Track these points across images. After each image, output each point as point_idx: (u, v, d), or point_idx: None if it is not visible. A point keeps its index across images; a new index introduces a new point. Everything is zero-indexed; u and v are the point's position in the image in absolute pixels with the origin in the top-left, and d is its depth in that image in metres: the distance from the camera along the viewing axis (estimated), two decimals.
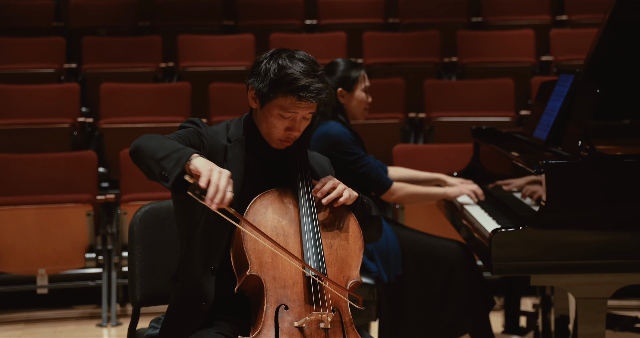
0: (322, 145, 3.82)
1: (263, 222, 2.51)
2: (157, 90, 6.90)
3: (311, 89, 2.50)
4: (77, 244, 5.22)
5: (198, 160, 2.31)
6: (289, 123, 2.56)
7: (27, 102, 6.67)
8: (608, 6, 3.71)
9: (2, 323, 5.34)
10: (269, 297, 2.42)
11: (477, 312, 3.94)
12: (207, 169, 2.28)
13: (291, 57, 2.56)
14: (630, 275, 3.13)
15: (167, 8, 8.74)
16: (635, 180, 3.10)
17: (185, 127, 2.62)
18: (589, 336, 3.15)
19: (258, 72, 2.58)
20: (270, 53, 2.61)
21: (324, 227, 2.56)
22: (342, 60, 4.03)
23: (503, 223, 3.42)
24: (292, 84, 2.51)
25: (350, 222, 2.60)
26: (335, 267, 2.53)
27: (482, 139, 4.31)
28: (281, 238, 2.51)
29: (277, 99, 2.53)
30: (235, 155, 2.61)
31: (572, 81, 3.55)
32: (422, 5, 8.78)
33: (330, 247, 2.54)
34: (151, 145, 2.39)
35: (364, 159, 3.86)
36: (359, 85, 3.97)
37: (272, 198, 2.56)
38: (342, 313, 2.47)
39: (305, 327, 2.39)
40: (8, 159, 5.62)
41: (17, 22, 8.31)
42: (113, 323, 5.21)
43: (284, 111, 2.54)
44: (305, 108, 2.54)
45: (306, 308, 2.43)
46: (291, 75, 2.51)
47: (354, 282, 2.53)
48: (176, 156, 2.32)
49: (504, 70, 7.32)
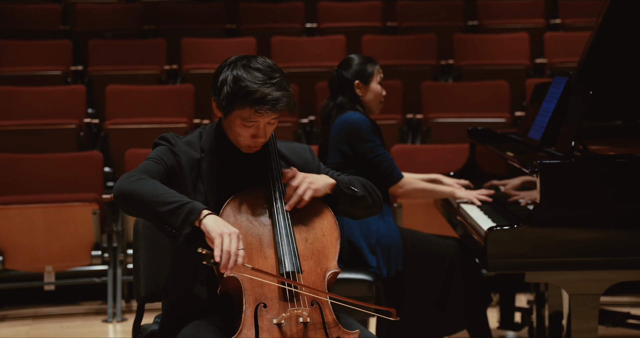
0: (342, 132, 3.84)
1: (236, 225, 2.49)
2: (161, 91, 6.90)
3: (267, 100, 2.45)
4: (84, 242, 5.22)
5: (208, 220, 2.33)
6: (253, 131, 2.52)
7: (35, 103, 6.67)
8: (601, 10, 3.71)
9: (11, 319, 5.34)
10: (247, 297, 2.42)
11: (476, 308, 3.93)
12: (218, 234, 2.30)
13: (247, 67, 2.49)
14: (622, 272, 3.13)
15: (171, 12, 8.74)
16: (627, 179, 3.11)
17: (159, 144, 2.60)
18: (582, 331, 3.15)
19: (216, 84, 2.53)
20: (228, 62, 2.54)
21: (297, 222, 2.55)
22: (357, 55, 4.04)
23: (498, 221, 3.42)
24: (248, 97, 2.45)
25: (325, 214, 2.59)
26: (312, 260, 2.52)
27: (478, 139, 4.31)
28: (255, 238, 2.50)
29: (236, 111, 2.49)
30: (209, 166, 2.58)
31: (565, 83, 3.55)
32: (419, 9, 8.77)
33: (306, 241, 2.54)
34: (146, 195, 2.36)
35: (379, 148, 3.86)
36: (374, 78, 3.98)
37: (243, 201, 2.55)
38: (321, 306, 2.46)
39: (284, 323, 2.39)
40: (16, 159, 5.63)
41: (25, 26, 8.31)
42: (118, 319, 5.21)
43: (245, 121, 2.50)
44: (265, 117, 2.49)
45: (283, 305, 2.43)
46: (246, 88, 2.45)
47: (332, 273, 2.52)
48: (182, 212, 2.34)
49: (499, 72, 7.31)
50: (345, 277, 3.69)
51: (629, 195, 3.10)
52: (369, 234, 3.78)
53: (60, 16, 8.65)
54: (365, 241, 3.77)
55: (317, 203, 2.60)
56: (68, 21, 8.72)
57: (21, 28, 8.24)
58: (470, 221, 3.56)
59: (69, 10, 8.80)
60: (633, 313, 4.54)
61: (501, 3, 8.85)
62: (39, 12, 8.62)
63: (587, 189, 3.09)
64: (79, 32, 8.26)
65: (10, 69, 7.37)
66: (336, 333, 2.43)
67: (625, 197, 3.10)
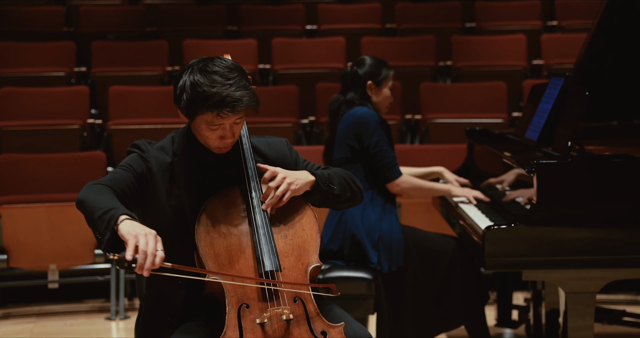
0: (351, 126, 3.83)
1: (215, 226, 2.49)
2: (163, 92, 6.90)
3: (227, 102, 2.40)
4: (87, 241, 5.22)
5: (124, 224, 2.25)
6: (220, 132, 2.49)
7: (39, 104, 6.67)
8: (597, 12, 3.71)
9: (15, 317, 5.34)
10: (230, 298, 2.42)
11: (474, 306, 3.93)
12: (132, 236, 2.21)
13: (203, 71, 2.44)
14: (618, 270, 3.12)
15: (173, 14, 8.74)
16: (623, 179, 3.10)
17: (131, 152, 2.58)
18: (578, 329, 3.15)
19: (176, 91, 2.50)
20: (186, 67, 2.50)
21: (276, 219, 2.54)
22: (374, 57, 4.02)
23: (496, 220, 3.42)
24: (207, 101, 2.41)
25: (303, 208, 2.58)
26: (293, 256, 2.51)
27: (475, 139, 4.31)
28: (234, 238, 2.50)
29: (198, 116, 2.46)
30: (182, 170, 2.56)
31: (562, 84, 3.54)
32: (418, 11, 8.78)
33: (285, 237, 2.53)
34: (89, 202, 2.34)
35: (383, 143, 3.83)
36: (387, 83, 3.97)
37: (220, 202, 2.54)
38: (305, 302, 2.46)
39: (267, 322, 2.39)
40: (20, 158, 5.63)
41: (29, 28, 8.31)
42: (121, 317, 5.21)
43: (210, 125, 2.47)
44: (230, 117, 2.45)
45: (264, 305, 2.42)
46: (204, 93, 2.41)
47: (314, 267, 2.52)
48: (106, 218, 2.28)
49: (496, 73, 7.31)
50: (344, 275, 3.69)
51: (625, 195, 3.10)
52: (371, 230, 3.78)
53: (64, 18, 8.65)
54: (368, 237, 3.77)
55: (296, 198, 2.57)
56: (72, 23, 8.72)
57: (26, 30, 8.23)
58: (468, 220, 3.56)
59: (72, 13, 8.80)
60: (629, 311, 4.54)
61: (498, 5, 8.85)
62: (43, 14, 8.63)
63: (583, 189, 3.09)
64: (83, 34, 8.26)
65: (15, 70, 7.38)
66: (321, 328, 2.43)
67: (621, 197, 3.10)
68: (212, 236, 2.49)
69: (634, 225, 3.08)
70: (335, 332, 2.43)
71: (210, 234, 2.49)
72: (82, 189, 2.41)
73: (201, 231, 2.49)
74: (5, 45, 7.66)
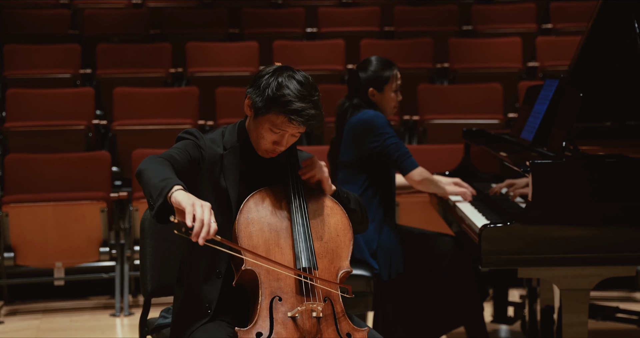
0: (358, 129, 3.75)
1: (256, 219, 2.50)
2: (167, 94, 6.90)
3: (303, 114, 2.47)
4: (92, 239, 5.22)
5: (179, 193, 2.26)
6: (277, 138, 2.53)
7: (45, 105, 6.67)
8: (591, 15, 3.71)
9: (22, 313, 5.34)
10: (263, 290, 2.42)
11: (473, 304, 3.90)
12: (190, 204, 2.22)
13: (291, 78, 2.51)
14: (611, 267, 3.13)
15: (176, 17, 8.74)
16: (616, 178, 3.11)
17: (184, 138, 2.59)
18: (572, 325, 3.15)
19: (258, 85, 2.53)
20: (273, 68, 2.55)
21: (314, 222, 2.55)
22: (376, 59, 3.91)
23: (492, 219, 3.42)
24: (286, 106, 2.46)
25: (340, 215, 2.60)
26: (326, 258, 2.52)
27: (472, 140, 4.31)
28: (273, 233, 2.50)
29: (270, 114, 2.50)
30: (230, 163, 2.59)
31: (556, 86, 3.54)
32: (416, 14, 8.78)
33: (321, 240, 2.54)
34: (148, 171, 2.36)
35: (393, 138, 3.74)
36: (389, 85, 3.87)
37: (264, 197, 2.55)
38: (333, 302, 2.47)
39: (298, 317, 2.39)
40: (27, 158, 5.63)
41: (35, 30, 8.30)
42: (125, 313, 5.21)
43: (274, 127, 2.51)
44: (294, 128, 2.50)
45: (298, 299, 2.43)
46: (287, 96, 2.47)
47: (345, 272, 2.53)
48: (160, 185, 2.28)
49: (492, 75, 7.31)
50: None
51: (618, 194, 3.10)
52: (370, 239, 3.75)
53: (69, 21, 8.65)
54: (367, 246, 3.74)
55: (333, 205, 2.61)
56: (77, 26, 8.72)
57: (32, 33, 8.23)
58: (465, 219, 3.56)
59: (78, 16, 8.80)
60: (622, 307, 4.54)
61: (494, 8, 8.85)
62: (49, 17, 8.62)
63: (577, 188, 3.09)
64: (88, 37, 8.26)
65: (22, 72, 7.38)
66: (346, 329, 2.44)
67: (615, 196, 3.10)
68: (252, 229, 2.49)
69: (627, 224, 3.09)
70: (360, 335, 2.44)
71: (250, 227, 2.49)
72: (143, 160, 2.43)
73: (242, 223, 2.49)
74: (13, 48, 7.66)
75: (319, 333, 2.39)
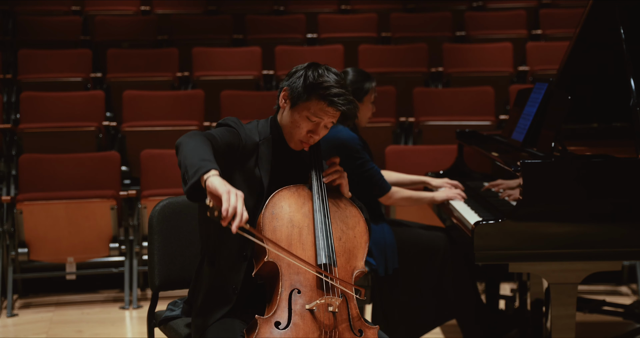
0: (332, 149, 3.67)
1: (280, 215, 2.50)
2: (174, 97, 6.89)
3: (342, 99, 2.51)
4: (102, 235, 5.22)
5: (215, 179, 2.22)
6: (312, 126, 2.55)
7: (58, 107, 6.66)
8: (578, 22, 3.71)
9: (36, 306, 5.34)
10: (284, 282, 2.42)
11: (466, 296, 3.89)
12: (226, 192, 2.19)
13: (328, 70, 2.58)
14: (598, 262, 3.12)
15: (183, 23, 8.74)
16: (602, 177, 3.10)
17: (225, 125, 2.58)
18: (561, 317, 3.15)
19: (297, 76, 2.57)
20: (307, 64, 2.61)
21: (334, 222, 2.56)
22: (354, 70, 3.85)
23: (484, 216, 3.41)
24: (328, 90, 2.51)
25: (358, 219, 2.61)
26: (343, 257, 2.52)
27: (465, 140, 4.30)
28: (296, 229, 2.50)
29: (310, 101, 2.53)
30: (263, 153, 2.60)
31: (546, 89, 3.54)
32: (411, 20, 8.77)
33: (340, 239, 2.54)
34: (189, 145, 2.33)
35: (369, 163, 3.74)
36: (369, 96, 3.83)
37: (289, 194, 2.55)
38: (348, 299, 2.47)
39: (315, 310, 2.39)
40: (40, 158, 5.62)
41: (48, 36, 8.31)
42: (134, 306, 5.21)
43: (312, 114, 2.53)
44: (331, 115, 2.54)
45: (317, 292, 2.42)
46: (328, 82, 2.53)
47: (359, 271, 2.54)
48: (198, 165, 2.25)
49: (485, 79, 7.31)
50: None
51: (604, 192, 3.09)
52: None
53: (81, 27, 8.65)
54: None
55: (352, 208, 2.62)
56: (88, 32, 8.72)
57: (45, 38, 8.23)
58: (458, 216, 3.56)
59: (89, 22, 8.80)
60: (608, 300, 4.54)
61: (487, 15, 8.85)
62: (61, 24, 8.62)
63: (566, 187, 3.09)
64: (98, 42, 8.26)
65: (36, 76, 7.37)
66: (359, 326, 2.44)
67: (601, 194, 3.09)
68: (276, 223, 2.49)
69: (613, 221, 3.08)
70: (371, 333, 2.45)
71: (274, 222, 2.49)
72: (185, 134, 2.40)
73: (267, 217, 2.48)
74: (27, 53, 7.66)
75: (334, 327, 2.39)
